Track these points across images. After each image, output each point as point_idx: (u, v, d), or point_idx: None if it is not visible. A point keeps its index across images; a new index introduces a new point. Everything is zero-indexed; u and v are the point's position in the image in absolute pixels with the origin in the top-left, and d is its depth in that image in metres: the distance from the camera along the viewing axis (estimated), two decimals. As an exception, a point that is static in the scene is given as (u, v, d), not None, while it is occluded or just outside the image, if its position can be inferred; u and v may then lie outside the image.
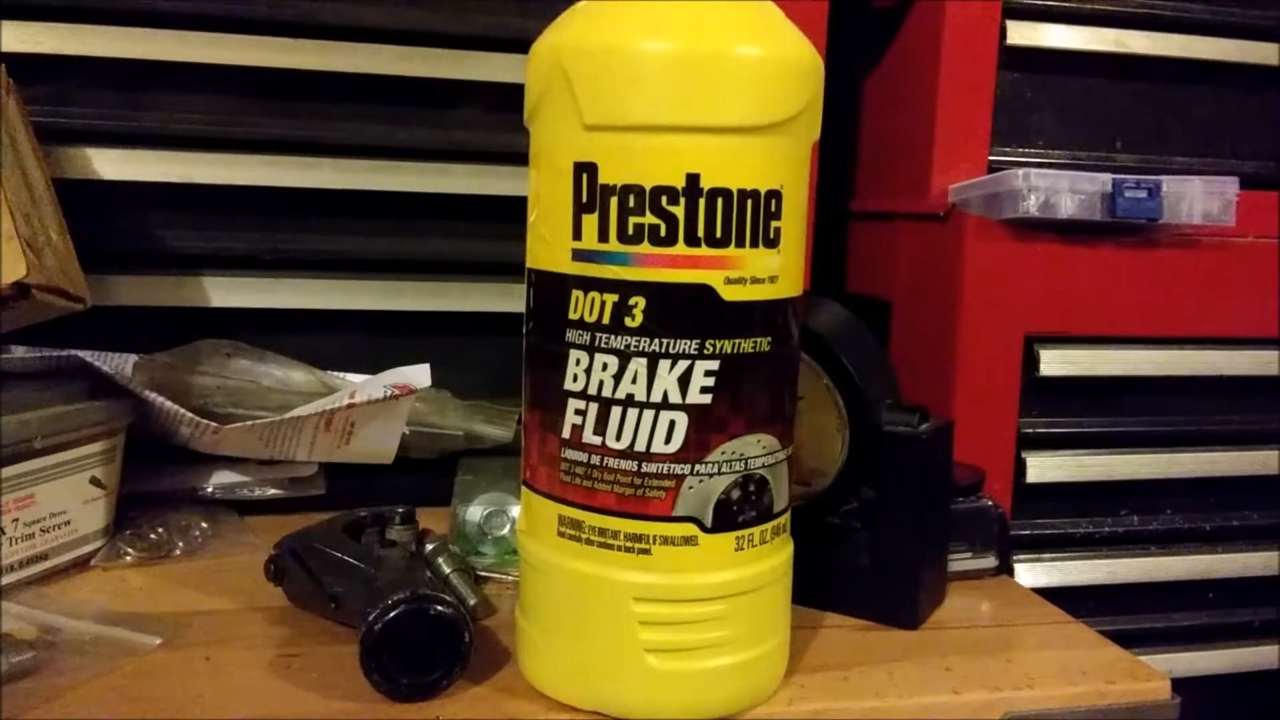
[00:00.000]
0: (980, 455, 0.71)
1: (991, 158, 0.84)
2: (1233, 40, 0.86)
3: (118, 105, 0.72)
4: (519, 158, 0.51)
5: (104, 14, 0.70)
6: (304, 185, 0.74)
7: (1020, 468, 0.81)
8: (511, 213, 0.55)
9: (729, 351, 0.46)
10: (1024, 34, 0.83)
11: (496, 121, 0.76)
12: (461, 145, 0.76)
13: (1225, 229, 0.79)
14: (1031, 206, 0.75)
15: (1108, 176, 0.76)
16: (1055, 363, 0.80)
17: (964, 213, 0.80)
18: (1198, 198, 0.78)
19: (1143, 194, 0.76)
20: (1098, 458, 0.83)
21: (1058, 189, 0.75)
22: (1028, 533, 0.83)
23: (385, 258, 0.77)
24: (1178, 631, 0.86)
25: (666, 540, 0.46)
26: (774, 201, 0.46)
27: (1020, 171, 0.75)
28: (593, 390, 0.46)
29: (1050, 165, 0.83)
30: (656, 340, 0.45)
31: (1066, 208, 0.76)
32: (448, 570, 0.58)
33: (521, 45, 0.49)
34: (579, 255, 0.46)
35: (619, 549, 0.47)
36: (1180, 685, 0.54)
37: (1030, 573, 0.81)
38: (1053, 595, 0.65)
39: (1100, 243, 0.79)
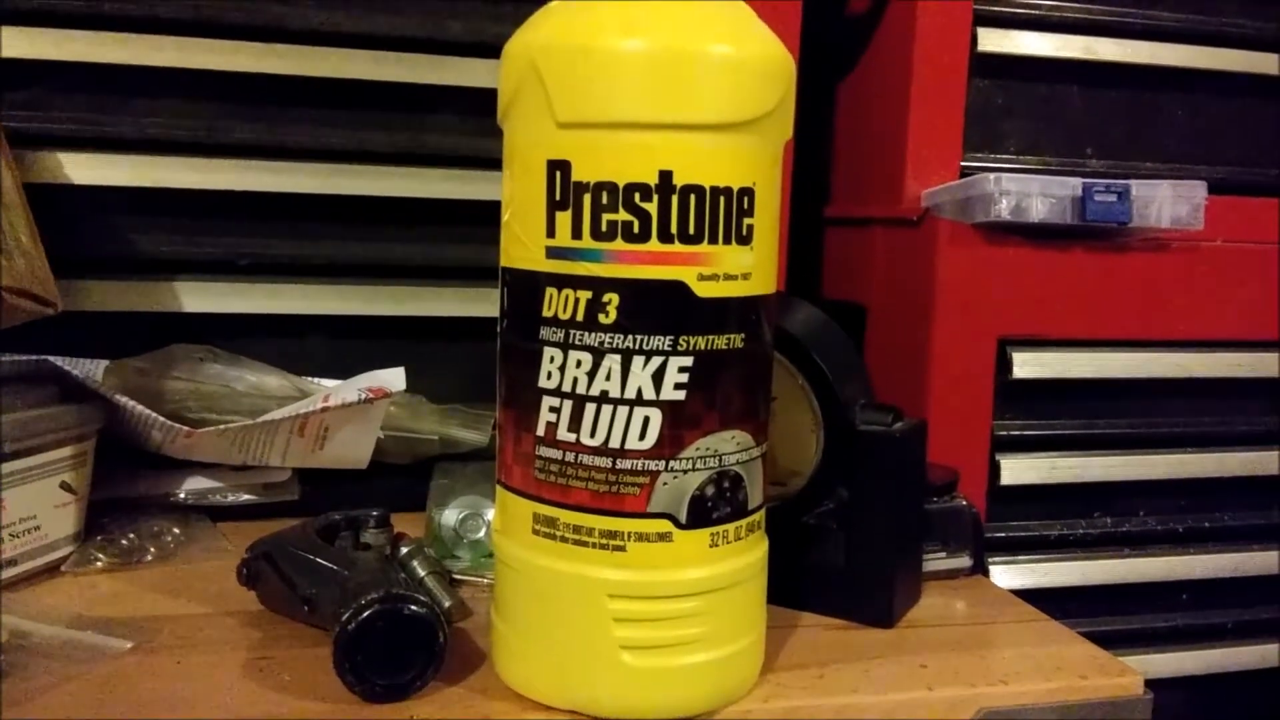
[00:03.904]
0: (955, 458, 0.71)
1: (963, 163, 0.84)
2: (1201, 47, 0.87)
3: (89, 109, 0.72)
4: (493, 162, 0.51)
5: (75, 18, 0.69)
6: (277, 190, 0.74)
7: (994, 470, 0.82)
8: (486, 217, 0.55)
9: (702, 348, 0.46)
10: (995, 41, 0.84)
11: (470, 126, 0.76)
12: (435, 150, 0.76)
13: (1194, 233, 0.80)
14: (1003, 210, 0.76)
15: (1078, 180, 0.77)
16: (1028, 365, 0.81)
17: (937, 217, 0.80)
18: (1166, 202, 0.79)
19: (1112, 198, 0.77)
20: (1071, 460, 0.83)
21: (1029, 193, 0.76)
22: (1002, 535, 0.83)
23: (359, 262, 0.77)
24: (1151, 633, 0.87)
25: (641, 537, 0.46)
26: (746, 199, 0.46)
27: (992, 176, 0.76)
28: (567, 387, 0.46)
29: (1021, 171, 0.84)
30: (630, 337, 0.45)
31: (1038, 211, 0.76)
32: (423, 573, 0.58)
33: (495, 50, 0.49)
34: (553, 253, 0.46)
35: (593, 546, 0.47)
36: (1154, 687, 0.55)
37: (1005, 575, 0.81)
38: (1028, 597, 0.65)
39: (1071, 246, 0.80)
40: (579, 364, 0.46)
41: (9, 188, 0.62)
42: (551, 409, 0.47)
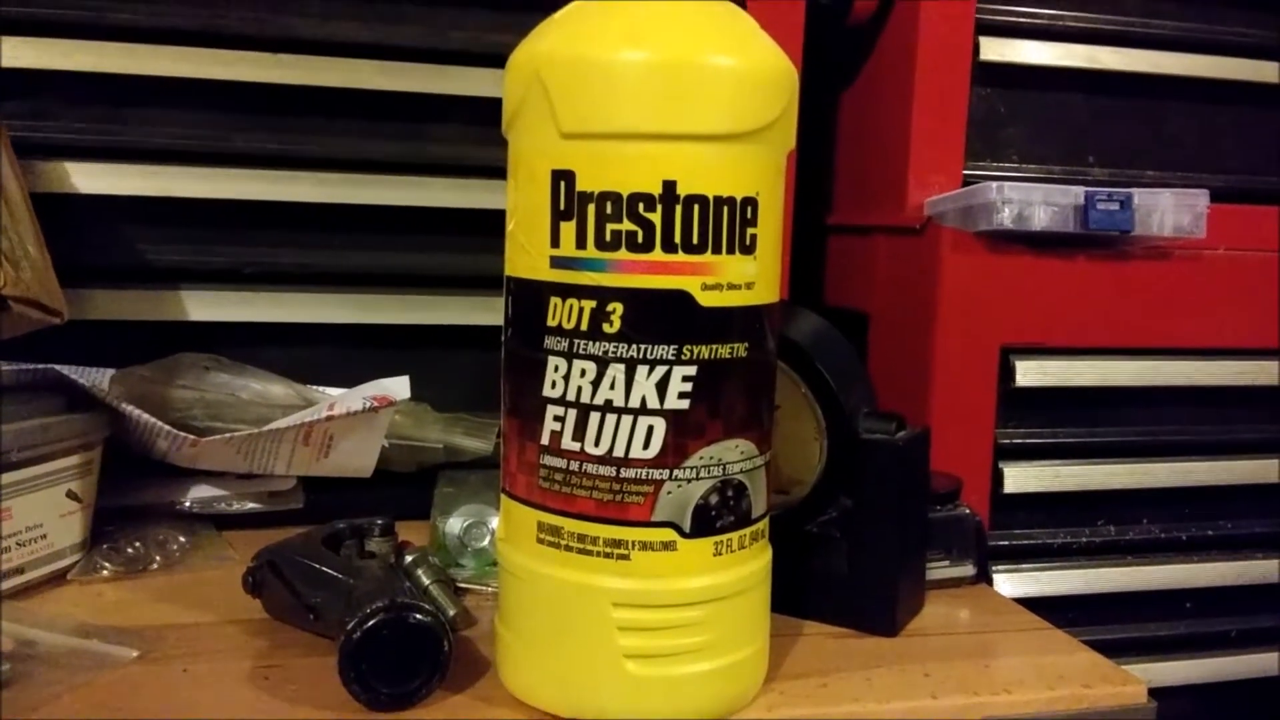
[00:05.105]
0: (958, 467, 0.71)
1: (966, 172, 0.84)
2: (1202, 56, 0.87)
3: (96, 119, 0.72)
4: (496, 171, 0.51)
5: (83, 29, 0.70)
6: (283, 199, 0.74)
7: (997, 478, 0.82)
8: (490, 226, 0.55)
9: (706, 357, 0.46)
10: (997, 50, 0.84)
11: (474, 135, 0.76)
12: (439, 159, 0.77)
13: (1196, 241, 0.80)
14: (1006, 219, 0.76)
15: (1080, 189, 0.77)
16: (1031, 374, 0.81)
17: (939, 225, 0.80)
18: (1169, 210, 0.79)
19: (1115, 206, 0.77)
20: (1074, 468, 0.83)
21: (1031, 201, 0.76)
22: (1005, 543, 0.83)
23: (364, 271, 0.77)
24: (1155, 641, 0.87)
25: (645, 545, 0.47)
26: (750, 208, 0.46)
27: (994, 184, 0.76)
28: (571, 396, 0.46)
29: (1024, 179, 0.84)
30: (634, 346, 0.45)
31: (1040, 220, 0.76)
32: (427, 581, 0.58)
33: (498, 60, 0.49)
34: (557, 262, 0.46)
35: (598, 555, 0.47)
36: (1158, 695, 0.55)
37: (1009, 583, 0.81)
38: (1031, 605, 0.65)
39: (1074, 254, 0.80)
40: (583, 373, 0.46)
41: (16, 198, 0.63)
42: (556, 418, 0.47)
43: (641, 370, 0.46)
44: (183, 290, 0.74)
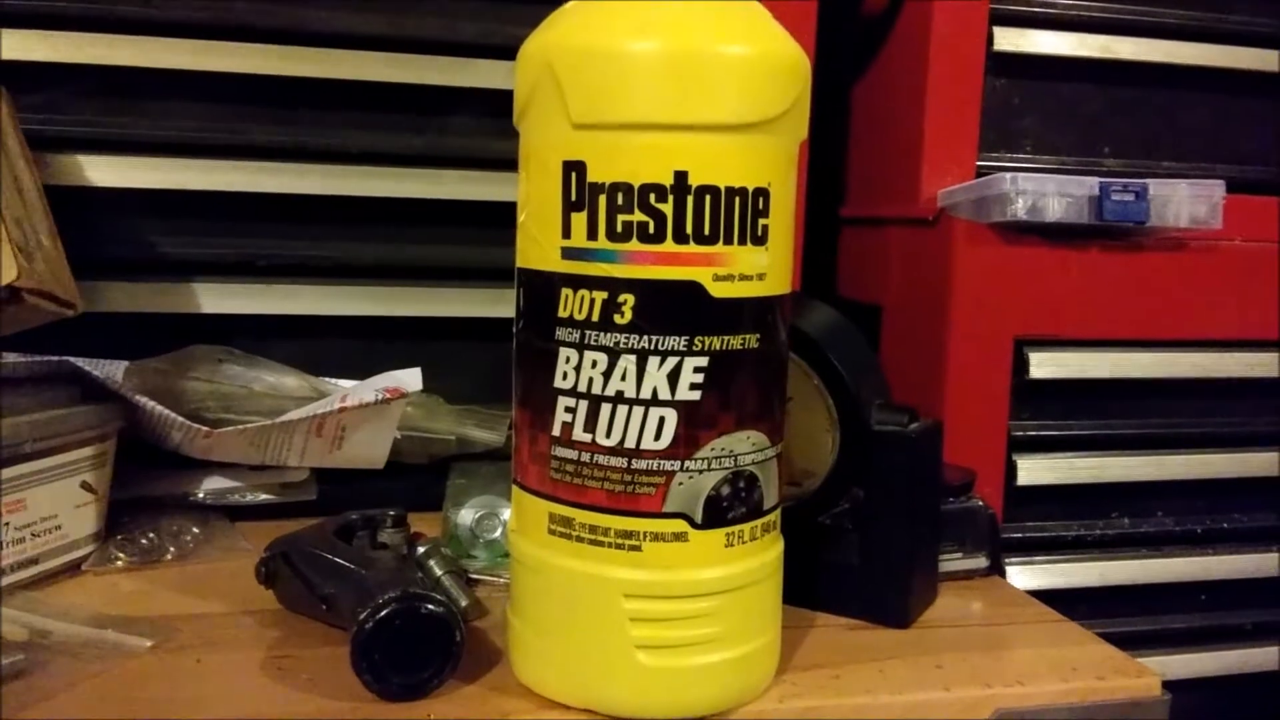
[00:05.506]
0: (971, 458, 0.71)
1: (979, 163, 0.84)
2: (1218, 46, 0.87)
3: (108, 112, 0.72)
4: (508, 163, 0.51)
5: (95, 22, 0.70)
6: (294, 191, 0.74)
7: (1011, 470, 0.82)
8: (502, 218, 0.56)
9: (718, 348, 0.46)
10: (1011, 40, 0.83)
11: (486, 127, 0.76)
12: (451, 151, 0.76)
13: (1212, 232, 0.80)
14: (1020, 210, 0.76)
15: (1095, 180, 0.77)
16: (1045, 365, 0.81)
17: (953, 217, 0.80)
18: (1184, 201, 0.78)
19: (1130, 197, 0.77)
20: (1088, 460, 0.83)
21: (1045, 192, 0.76)
22: (1019, 535, 0.83)
23: (376, 263, 0.77)
24: (1170, 634, 0.86)
25: (657, 537, 0.47)
26: (761, 199, 0.46)
27: (1008, 175, 0.76)
28: (582, 388, 0.46)
29: (1038, 170, 0.84)
30: (646, 337, 0.45)
31: (1054, 211, 0.76)
32: (439, 572, 0.58)
33: (510, 52, 0.49)
34: (568, 253, 0.46)
35: (609, 546, 0.47)
36: (1173, 688, 0.54)
37: (1022, 575, 0.81)
38: (1045, 598, 0.65)
39: (1088, 246, 0.80)
40: (594, 364, 0.46)
41: (30, 190, 0.63)
42: (567, 409, 0.47)
43: (653, 361, 0.46)
44: (195, 283, 0.74)
